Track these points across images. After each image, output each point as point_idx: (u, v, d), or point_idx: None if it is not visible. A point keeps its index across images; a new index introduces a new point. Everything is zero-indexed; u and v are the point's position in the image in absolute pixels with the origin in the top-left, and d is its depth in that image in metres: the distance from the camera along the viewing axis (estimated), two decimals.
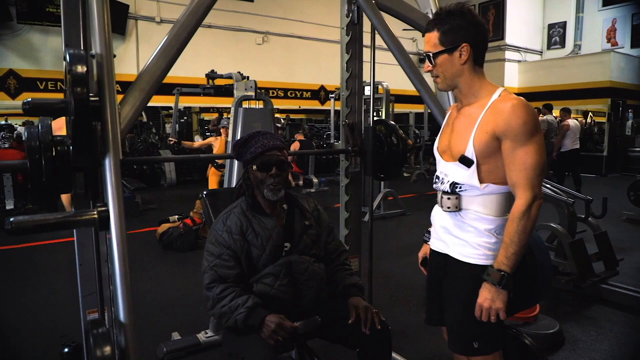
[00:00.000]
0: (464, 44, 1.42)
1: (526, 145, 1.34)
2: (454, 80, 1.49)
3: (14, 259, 4.55)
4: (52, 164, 1.35)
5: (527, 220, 1.35)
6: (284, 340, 1.58)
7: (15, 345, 2.74)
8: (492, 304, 1.38)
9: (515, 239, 1.36)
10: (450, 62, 1.45)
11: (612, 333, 2.89)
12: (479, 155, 1.43)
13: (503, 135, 1.37)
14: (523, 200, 1.35)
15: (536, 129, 1.36)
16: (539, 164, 1.35)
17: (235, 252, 1.72)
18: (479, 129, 1.42)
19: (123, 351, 1.10)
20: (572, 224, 3.60)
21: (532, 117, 1.37)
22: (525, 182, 1.35)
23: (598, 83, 12.31)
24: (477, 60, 1.46)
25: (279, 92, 11.64)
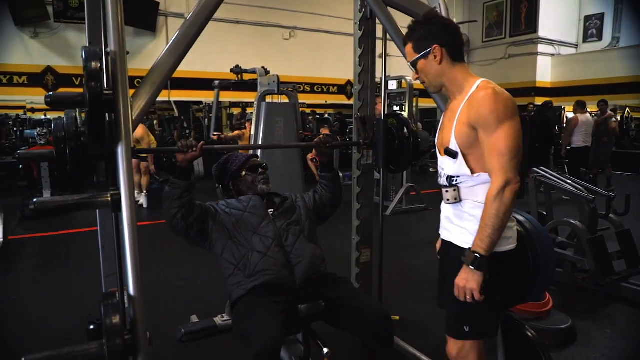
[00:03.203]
0: (435, 45, 1.52)
1: (496, 131, 1.40)
2: (438, 81, 1.58)
3: (54, 245, 4.84)
4: (76, 153, 1.47)
5: (499, 203, 1.39)
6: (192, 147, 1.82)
7: (48, 323, 2.94)
8: (467, 283, 1.45)
9: (489, 223, 1.41)
10: (428, 65, 1.56)
11: (628, 332, 2.85)
12: (462, 146, 1.49)
13: (477, 125, 1.44)
14: (495, 184, 1.40)
15: (506, 115, 1.40)
16: (510, 149, 1.40)
17: (215, 213, 2.00)
18: (458, 121, 1.49)
19: (133, 321, 1.21)
20: (592, 220, 3.55)
21: (501, 104, 1.41)
22: (498, 166, 1.40)
23: (638, 77, 11.86)
24: (454, 57, 1.54)
25: (306, 87, 11.75)
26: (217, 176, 2.26)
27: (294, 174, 4.99)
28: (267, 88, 5.09)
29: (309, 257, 1.94)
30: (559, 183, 3.74)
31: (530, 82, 13.66)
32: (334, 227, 3.08)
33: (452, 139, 1.52)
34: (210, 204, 2.07)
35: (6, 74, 8.92)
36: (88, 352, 1.19)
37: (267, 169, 2.24)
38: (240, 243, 1.95)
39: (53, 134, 1.47)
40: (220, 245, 1.97)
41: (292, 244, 1.96)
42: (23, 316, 3.10)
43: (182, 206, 1.88)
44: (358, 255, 2.71)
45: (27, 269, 4.14)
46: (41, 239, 5.02)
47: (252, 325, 1.73)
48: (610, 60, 12.70)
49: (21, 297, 3.45)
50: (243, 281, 1.88)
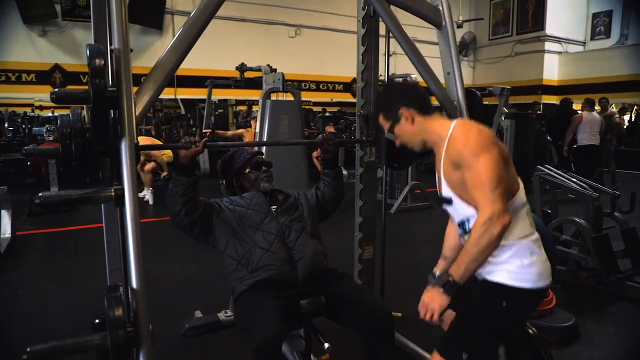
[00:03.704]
0: (401, 109, 1.57)
1: (474, 165, 1.38)
2: (418, 139, 1.61)
3: (61, 240, 4.90)
4: (82, 149, 1.49)
5: (483, 234, 1.34)
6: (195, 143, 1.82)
7: (55, 317, 2.98)
8: (430, 302, 1.45)
9: (469, 251, 1.38)
10: (403, 128, 1.60)
11: (631, 330, 2.85)
12: (456, 190, 1.49)
13: (457, 163, 1.44)
14: (482, 215, 1.36)
15: (481, 148, 1.39)
16: (490, 179, 1.36)
17: (219, 210, 2.02)
18: (444, 167, 1.51)
19: (135, 313, 1.23)
20: (597, 219, 3.54)
21: (474, 137, 1.42)
22: (482, 199, 1.36)
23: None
24: (423, 112, 1.58)
25: (311, 85, 11.76)
26: (222, 171, 2.28)
27: (298, 172, 5.00)
28: (272, 86, 5.10)
29: (311, 252, 1.96)
30: (564, 181, 3.73)
31: (537, 80, 13.58)
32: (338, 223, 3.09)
33: (443, 186, 1.54)
34: (214, 200, 2.09)
35: (15, 72, 9.01)
36: (91, 343, 1.22)
37: (270, 166, 2.25)
38: (243, 239, 1.97)
39: (59, 130, 1.49)
40: (223, 241, 2.00)
41: (295, 240, 1.98)
42: (30, 310, 3.15)
43: (186, 203, 1.90)
44: (361, 251, 2.73)
45: (34, 264, 4.20)
46: (48, 234, 5.08)
47: (254, 319, 1.75)
48: (618, 58, 12.59)
49: (29, 291, 3.50)
50: (246, 276, 1.91)
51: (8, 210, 4.53)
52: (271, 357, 1.62)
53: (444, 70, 2.12)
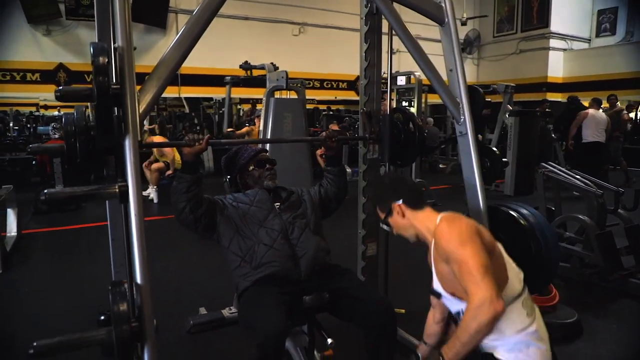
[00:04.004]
0: (393, 204, 1.68)
1: (459, 257, 1.42)
2: (410, 231, 1.69)
3: (66, 239, 4.93)
4: (86, 146, 1.51)
5: (471, 321, 1.35)
6: (199, 140, 1.86)
7: (60, 314, 3.01)
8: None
9: (460, 335, 1.40)
10: (396, 221, 1.70)
11: (635, 326, 2.85)
12: (446, 286, 1.55)
13: (445, 259, 1.48)
14: (471, 302, 1.37)
15: (462, 240, 1.44)
16: (477, 267, 1.38)
17: (223, 207, 2.04)
18: (435, 264, 1.58)
19: (140, 308, 1.25)
20: (601, 216, 3.53)
21: (455, 231, 1.47)
22: (472, 286, 1.37)
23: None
24: (414, 207, 1.67)
25: (315, 83, 11.75)
26: (225, 168, 2.30)
27: (302, 169, 5.02)
28: (276, 84, 5.11)
29: (314, 249, 1.97)
30: (567, 178, 3.72)
31: (541, 77, 13.52)
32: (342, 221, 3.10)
33: (434, 281, 1.61)
34: (218, 197, 2.10)
35: (19, 71, 9.06)
36: (96, 338, 1.24)
37: (274, 164, 2.26)
38: (246, 236, 1.98)
39: (63, 128, 1.51)
40: (227, 238, 2.01)
41: (298, 236, 1.99)
42: (36, 307, 3.17)
43: (190, 200, 1.91)
44: (364, 248, 2.73)
45: (40, 262, 4.23)
46: (53, 233, 5.12)
47: (257, 315, 1.76)
48: (624, 55, 12.50)
49: (35, 288, 3.53)
50: (249, 273, 1.92)
51: (14, 209, 4.57)
52: (275, 353, 1.63)
53: (447, 67, 2.12)
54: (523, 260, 1.89)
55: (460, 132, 2.02)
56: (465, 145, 2.00)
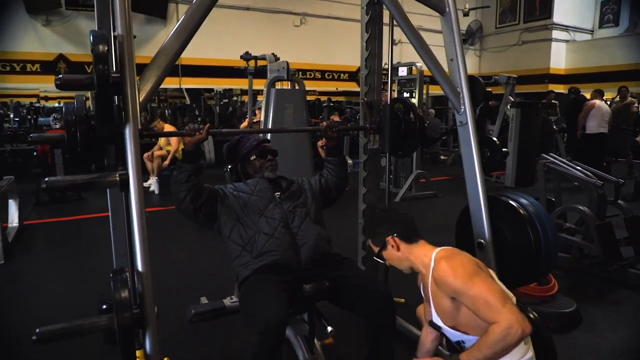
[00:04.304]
0: (387, 238, 1.70)
1: (472, 291, 1.44)
2: (404, 264, 1.71)
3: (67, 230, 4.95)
4: (87, 135, 1.51)
5: (500, 340, 1.36)
6: (199, 130, 1.87)
7: (63, 303, 3.03)
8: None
9: (483, 351, 1.41)
10: (390, 254, 1.72)
11: (633, 316, 2.86)
12: (446, 320, 1.58)
13: (454, 295, 1.49)
14: (499, 325, 1.37)
15: (469, 273, 1.47)
16: (494, 295, 1.41)
17: (224, 197, 2.04)
18: (434, 300, 1.61)
19: (141, 295, 1.26)
20: (601, 206, 3.53)
21: (459, 268, 1.49)
22: (495, 314, 1.39)
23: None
24: (408, 240, 1.69)
25: (316, 74, 11.71)
26: (227, 156, 2.30)
27: (303, 161, 5.02)
28: (277, 74, 5.10)
29: (315, 238, 1.98)
30: (568, 169, 3.72)
31: (544, 68, 13.44)
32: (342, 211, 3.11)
33: (433, 314, 1.64)
34: (219, 187, 2.11)
35: (19, 62, 9.02)
36: (98, 325, 1.25)
37: (276, 155, 2.27)
38: (247, 225, 1.99)
39: (64, 117, 1.51)
40: (228, 227, 2.02)
41: (298, 225, 2.00)
42: (39, 297, 3.20)
43: (190, 189, 1.92)
44: (364, 238, 2.74)
45: (42, 252, 4.25)
46: (55, 224, 5.13)
47: (258, 304, 1.78)
48: (627, 46, 12.40)
49: (37, 278, 3.55)
50: (250, 262, 1.93)
51: (15, 200, 4.58)
52: (275, 341, 1.65)
53: (447, 57, 2.12)
54: (522, 249, 1.91)
55: (461, 121, 2.02)
56: (466, 135, 2.00)
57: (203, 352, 2.50)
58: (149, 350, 1.30)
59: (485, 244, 1.94)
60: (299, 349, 2.06)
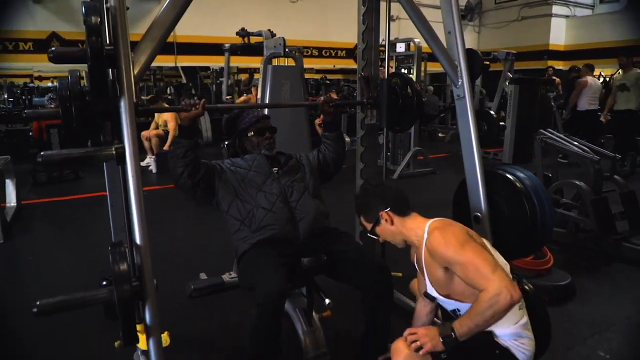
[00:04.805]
0: (380, 212, 1.68)
1: (463, 258, 1.44)
2: (398, 238, 1.70)
3: (66, 209, 4.96)
4: (82, 111, 1.50)
5: (488, 307, 1.37)
6: (195, 105, 1.86)
7: (63, 280, 3.06)
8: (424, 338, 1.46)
9: (474, 319, 1.41)
10: (384, 229, 1.71)
11: (626, 289, 2.90)
12: (440, 289, 1.60)
13: (446, 264, 1.51)
14: (487, 292, 1.38)
15: (460, 242, 1.47)
16: (484, 262, 1.41)
17: (221, 172, 2.04)
18: (428, 270, 1.61)
19: (140, 268, 1.27)
20: (597, 181, 3.55)
21: (450, 237, 1.50)
22: (484, 281, 1.39)
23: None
24: (401, 214, 1.68)
25: (314, 51, 11.56)
26: (226, 128, 2.30)
27: (301, 138, 5.00)
28: (273, 51, 5.04)
29: (313, 212, 1.99)
30: (565, 144, 3.73)
31: (543, 45, 13.30)
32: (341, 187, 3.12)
33: (427, 285, 1.65)
34: (216, 162, 2.11)
35: (12, 41, 8.87)
36: (98, 297, 1.26)
37: (274, 132, 2.25)
38: (245, 200, 2.00)
39: (58, 92, 1.50)
40: (226, 202, 2.03)
41: (297, 200, 2.01)
42: (38, 275, 3.22)
43: (187, 165, 1.92)
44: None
45: (41, 231, 4.27)
46: (53, 203, 5.14)
47: (257, 277, 1.79)
48: (628, 21, 12.24)
49: (37, 257, 3.57)
50: (248, 236, 1.95)
51: (12, 180, 4.57)
52: (275, 313, 1.67)
53: (445, 30, 2.09)
54: (519, 222, 1.93)
55: (458, 95, 2.01)
56: (463, 109, 2.00)
57: (203, 326, 2.54)
58: (149, 322, 1.31)
59: (481, 218, 1.95)
60: (297, 321, 2.09)
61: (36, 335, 2.40)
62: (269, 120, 2.26)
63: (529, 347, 1.53)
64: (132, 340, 1.31)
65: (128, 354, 2.16)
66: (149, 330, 1.33)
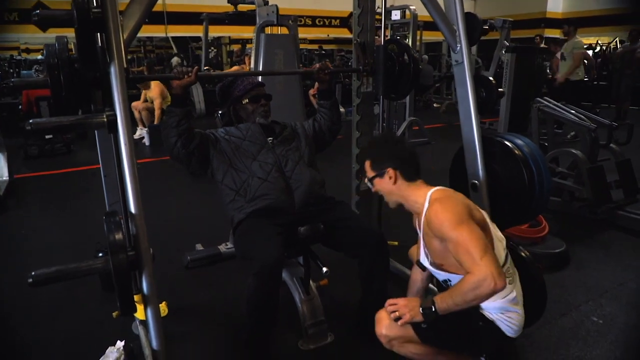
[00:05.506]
0: (389, 168, 1.62)
1: (456, 237, 1.42)
2: (393, 199, 1.67)
3: (59, 182, 4.92)
4: (70, 79, 1.45)
5: (470, 291, 1.38)
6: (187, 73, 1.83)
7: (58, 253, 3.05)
8: (404, 309, 1.48)
9: (455, 299, 1.42)
10: (384, 184, 1.66)
11: (620, 256, 2.93)
12: (435, 259, 1.60)
13: (440, 236, 1.49)
14: (473, 275, 1.37)
15: (457, 221, 1.44)
16: (476, 246, 1.39)
17: (216, 141, 2.01)
18: (425, 239, 1.60)
19: (135, 237, 1.25)
20: (593, 150, 3.54)
21: (449, 213, 1.46)
22: (472, 265, 1.38)
23: None
24: (408, 178, 1.63)
25: (307, 20, 11.32)
26: (220, 97, 2.25)
27: (294, 109, 4.93)
28: (266, 19, 4.91)
29: (308, 181, 1.97)
30: (562, 113, 3.70)
31: (540, 12, 13.09)
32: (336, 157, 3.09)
33: (422, 255, 1.65)
34: (210, 131, 2.07)
35: None
36: (93, 267, 1.25)
37: (269, 99, 2.21)
38: (240, 169, 1.98)
39: (45, 61, 1.44)
40: (220, 172, 2.00)
41: (292, 169, 1.99)
42: (34, 248, 3.21)
43: (181, 134, 1.89)
44: (358, 183, 2.75)
45: (35, 204, 4.23)
46: (46, 177, 5.09)
47: (253, 245, 1.79)
48: None
49: (32, 230, 3.55)
50: (244, 205, 1.93)
51: (3, 154, 4.51)
52: (272, 281, 1.68)
53: None
54: (516, 189, 1.92)
55: (456, 60, 1.97)
56: (461, 75, 1.95)
57: (200, 296, 2.55)
58: (146, 292, 1.31)
59: (479, 185, 1.94)
60: (294, 290, 2.10)
61: (33, 309, 2.40)
62: (263, 88, 2.22)
63: (516, 322, 1.54)
64: (130, 310, 1.30)
65: (127, 325, 2.17)
66: (146, 300, 1.32)
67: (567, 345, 2.06)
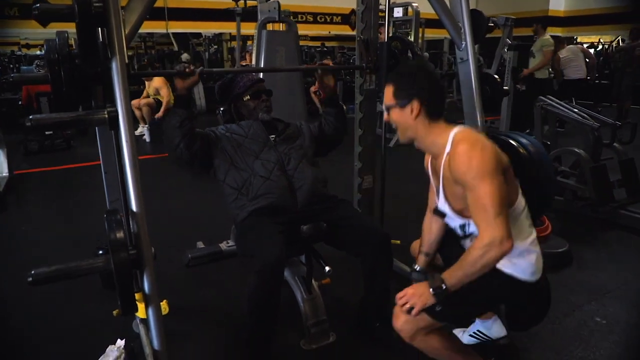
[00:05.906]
0: (415, 100, 1.47)
1: (476, 189, 1.34)
2: (407, 134, 1.54)
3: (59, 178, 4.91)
4: (71, 74, 1.43)
5: (480, 257, 1.33)
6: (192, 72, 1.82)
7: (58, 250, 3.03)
8: (414, 297, 1.42)
9: (465, 268, 1.37)
10: (402, 116, 1.51)
11: (623, 256, 2.92)
12: (454, 204, 1.52)
13: (460, 182, 1.40)
14: (481, 239, 1.34)
15: (483, 171, 1.34)
16: (493, 205, 1.32)
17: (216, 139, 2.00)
18: (444, 182, 1.51)
19: (137, 235, 1.24)
20: (596, 149, 3.52)
21: (477, 160, 1.36)
22: (483, 223, 1.34)
23: None
24: (431, 115, 1.49)
25: (308, 17, 11.26)
26: (220, 95, 2.23)
27: (296, 106, 4.91)
28: (268, 15, 4.88)
29: (311, 180, 1.95)
30: (565, 111, 3.68)
31: (542, 10, 13.04)
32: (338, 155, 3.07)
33: (440, 200, 1.55)
34: (210, 129, 2.05)
35: None
36: (94, 266, 1.23)
37: (270, 95, 2.19)
38: (241, 168, 1.96)
39: (45, 56, 1.43)
40: (222, 171, 1.99)
41: (294, 168, 1.97)
42: (34, 244, 3.19)
43: (184, 135, 1.87)
44: (360, 181, 2.73)
45: (35, 200, 4.22)
46: (46, 173, 5.08)
47: (255, 244, 1.77)
48: None
49: (32, 226, 3.54)
50: (246, 204, 1.91)
51: (3, 149, 4.49)
52: (273, 280, 1.66)
53: None
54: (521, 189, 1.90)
55: (461, 58, 1.95)
56: (466, 72, 1.93)
57: (201, 295, 2.53)
58: (147, 290, 1.29)
59: None
60: (296, 289, 2.09)
61: (34, 307, 2.38)
62: (263, 84, 2.20)
63: (535, 263, 1.50)
64: (131, 309, 1.29)
65: (127, 323, 2.15)
66: (147, 299, 1.31)
67: (571, 345, 2.04)
